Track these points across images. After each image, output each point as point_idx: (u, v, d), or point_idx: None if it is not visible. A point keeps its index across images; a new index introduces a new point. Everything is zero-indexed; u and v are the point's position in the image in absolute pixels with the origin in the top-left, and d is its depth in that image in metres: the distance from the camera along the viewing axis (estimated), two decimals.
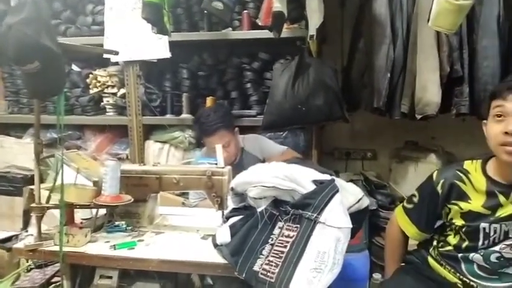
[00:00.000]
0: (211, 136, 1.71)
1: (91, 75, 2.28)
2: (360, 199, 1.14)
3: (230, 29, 2.03)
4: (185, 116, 2.14)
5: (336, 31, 2.13)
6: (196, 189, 1.42)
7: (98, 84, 2.28)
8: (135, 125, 2.21)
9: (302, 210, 0.97)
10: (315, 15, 1.47)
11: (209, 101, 2.09)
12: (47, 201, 1.25)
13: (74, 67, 2.36)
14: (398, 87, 1.70)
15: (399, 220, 1.26)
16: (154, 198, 1.39)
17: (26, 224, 2.17)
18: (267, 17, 1.55)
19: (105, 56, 2.09)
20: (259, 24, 1.68)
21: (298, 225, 0.95)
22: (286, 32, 1.84)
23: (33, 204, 1.23)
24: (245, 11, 2.00)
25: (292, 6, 1.68)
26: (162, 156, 2.18)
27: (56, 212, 1.33)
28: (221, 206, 1.27)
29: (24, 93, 2.43)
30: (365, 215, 1.20)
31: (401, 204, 1.28)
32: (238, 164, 1.71)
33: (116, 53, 1.47)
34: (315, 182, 1.02)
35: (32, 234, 1.78)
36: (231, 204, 1.26)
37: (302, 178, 1.05)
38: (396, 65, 1.69)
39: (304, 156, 1.84)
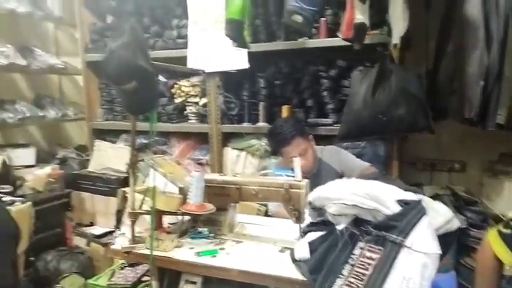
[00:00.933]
0: (287, 146, 1.73)
1: (175, 86, 2.44)
2: (450, 220, 1.06)
3: (307, 37, 2.03)
4: (261, 124, 2.18)
5: (420, 35, 2.01)
6: (274, 201, 1.45)
7: (182, 93, 2.44)
8: (214, 132, 2.31)
9: (386, 232, 0.94)
10: (399, 24, 1.41)
11: (284, 110, 2.11)
12: (140, 207, 1.37)
13: (161, 78, 2.55)
14: (493, 96, 1.54)
15: (494, 246, 1.15)
16: (234, 207, 1.44)
17: (118, 222, 2.40)
18: (348, 29, 1.52)
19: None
20: (340, 37, 1.65)
21: (382, 248, 0.92)
22: (366, 38, 1.79)
23: (128, 210, 1.35)
24: (322, 19, 1.98)
25: (372, 11, 1.62)
26: (239, 163, 2.25)
27: (147, 215, 1.45)
28: (298, 219, 1.28)
29: (122, 108, 2.66)
30: (455, 237, 1.11)
31: (496, 228, 1.17)
32: (316, 174, 1.70)
33: (203, 72, 1.55)
34: (400, 202, 0.98)
35: (124, 234, 1.95)
36: (308, 217, 1.26)
37: (385, 197, 1.01)
38: (491, 72, 1.54)
39: (384, 167, 1.77)
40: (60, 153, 2.70)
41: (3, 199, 1.81)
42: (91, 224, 2.50)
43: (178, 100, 2.45)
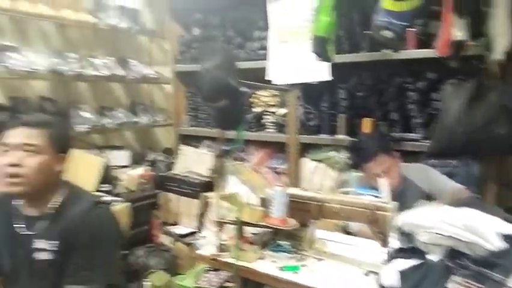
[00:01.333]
0: (370, 162, 1.68)
1: (254, 95, 2.52)
2: None
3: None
4: (341, 136, 2.16)
5: None
6: (357, 222, 1.42)
7: (261, 103, 2.51)
8: (292, 142, 2.34)
9: (487, 269, 0.87)
10: (502, 39, 1.30)
11: (366, 122, 2.06)
12: (226, 217, 1.44)
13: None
14: None
15: None
16: (314, 223, 1.45)
17: (200, 224, 2.55)
18: (445, 46, 1.44)
19: (267, 77, 2.29)
20: (436, 55, 1.57)
21: (483, 286, 0.86)
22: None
23: (215, 219, 1.43)
24: (411, 29, 1.90)
25: (469, 23, 1.51)
26: (317, 175, 2.25)
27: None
28: (384, 242, 1.24)
29: (206, 116, 2.82)
30: None
31: None
32: (400, 193, 1.63)
33: (289, 90, 1.58)
34: (504, 237, 0.91)
35: (205, 237, 2.06)
36: (395, 242, 1.22)
37: (485, 229, 0.94)
38: None
39: (478, 189, 1.64)
40: (151, 155, 2.94)
41: (104, 198, 2.02)
42: (175, 224, 2.68)
43: (257, 109, 2.52)
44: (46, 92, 2.50)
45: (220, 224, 1.42)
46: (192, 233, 2.55)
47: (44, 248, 1.19)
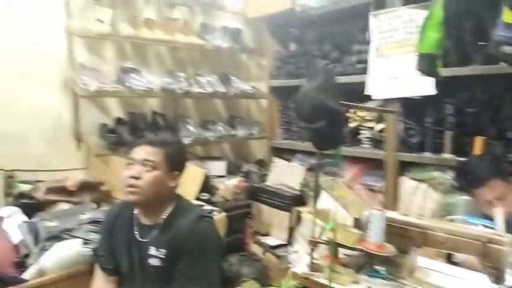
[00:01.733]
0: (481, 187, 1.53)
1: (351, 110, 2.47)
2: None
3: None
4: (447, 155, 2.00)
5: None
6: (466, 254, 1.31)
7: (357, 118, 2.45)
8: (390, 160, 2.23)
9: None
10: None
11: (478, 142, 1.87)
12: (320, 236, 1.44)
13: None
14: None
15: None
16: (416, 251, 1.37)
17: (290, 237, 2.57)
18: None
19: (366, 92, 2.24)
20: None
21: None
22: None
23: (308, 237, 1.44)
24: None
25: None
26: (417, 196, 2.11)
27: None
28: (498, 279, 1.12)
29: (298, 130, 2.86)
30: None
31: None
32: None
33: (392, 112, 1.53)
34: None
35: (296, 251, 2.07)
36: (510, 279, 1.09)
37: None
38: None
39: None
40: (245, 166, 3.07)
41: (205, 207, 2.17)
42: (267, 234, 2.75)
43: (352, 124, 2.47)
44: (158, 108, 2.80)
45: (313, 243, 1.43)
46: (282, 245, 2.58)
47: (155, 255, 1.34)
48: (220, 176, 2.87)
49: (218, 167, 2.93)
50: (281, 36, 3.04)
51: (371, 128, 2.40)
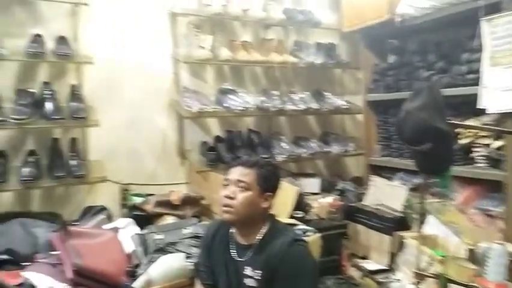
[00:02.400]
0: None
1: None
2: None
3: None
4: None
5: None
6: None
7: (469, 134, 2.19)
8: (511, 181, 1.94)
9: None
10: None
11: None
12: (427, 269, 1.31)
13: None
14: None
15: None
16: None
17: (392, 263, 2.39)
18: None
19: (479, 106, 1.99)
20: None
21: None
22: None
23: (413, 270, 1.32)
24: None
25: None
26: None
27: None
28: None
29: (399, 145, 2.67)
30: None
31: None
32: None
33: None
34: None
35: (399, 280, 1.91)
36: None
37: None
38: None
39: None
40: (340, 184, 2.97)
41: (299, 227, 2.14)
42: (365, 257, 2.60)
43: (463, 141, 2.22)
44: (253, 126, 2.89)
45: (420, 276, 1.30)
46: (383, 271, 2.41)
47: (251, 276, 1.36)
48: (314, 194, 2.82)
49: (312, 184, 2.88)
50: (379, 48, 2.91)
51: (487, 145, 2.12)
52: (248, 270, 1.38)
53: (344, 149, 2.94)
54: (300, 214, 2.45)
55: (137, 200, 2.35)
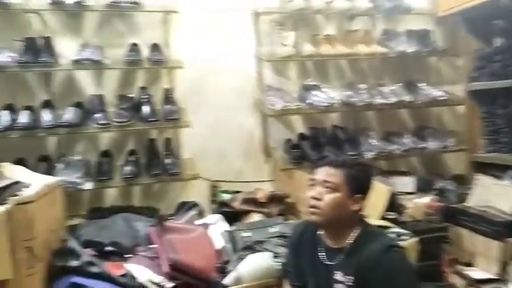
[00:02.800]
0: None
1: None
2: None
3: None
4: None
5: None
6: None
7: None
8: None
9: None
10: None
11: None
12: None
13: None
14: None
15: None
16: None
17: (503, 272, 2.10)
18: None
19: None
20: None
21: None
22: None
23: None
24: None
25: None
26: None
27: None
28: None
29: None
30: None
31: None
32: None
33: None
34: None
35: None
36: None
37: None
38: None
39: None
40: (438, 183, 2.71)
41: (392, 229, 1.99)
42: (469, 264, 2.33)
43: None
44: (339, 122, 2.78)
45: None
46: (491, 281, 2.14)
47: (341, 281, 1.29)
48: (409, 193, 2.62)
49: (405, 183, 2.68)
50: (482, 31, 2.59)
51: None
52: (338, 275, 1.31)
53: (443, 145, 2.67)
54: (392, 215, 2.29)
55: (226, 197, 2.42)
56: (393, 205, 2.35)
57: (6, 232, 1.26)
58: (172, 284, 1.52)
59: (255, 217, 2.13)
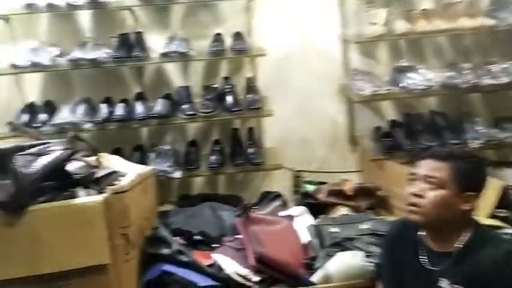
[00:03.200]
0: None
1: None
2: None
3: None
4: None
5: None
6: None
7: None
8: None
9: None
10: None
11: None
12: None
13: None
14: None
15: None
16: None
17: None
18: None
19: None
20: None
21: None
22: None
23: None
24: None
25: None
26: None
27: None
28: None
29: None
30: None
31: None
32: None
33: None
34: None
35: None
36: None
37: None
38: None
39: None
40: None
41: (505, 230, 1.73)
42: None
43: None
44: (437, 107, 2.49)
45: None
46: None
47: None
48: None
49: None
50: None
51: None
52: (444, 283, 1.16)
53: None
54: (504, 213, 1.99)
55: (310, 188, 2.33)
56: (505, 201, 2.05)
57: (105, 219, 1.34)
58: (258, 278, 1.49)
59: (342, 211, 2.01)
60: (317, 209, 2.06)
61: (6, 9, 2.21)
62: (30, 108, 2.27)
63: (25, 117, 2.21)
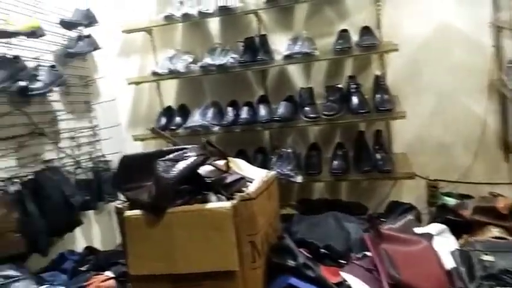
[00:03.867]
0: None
1: None
2: None
3: None
4: None
5: None
6: None
7: None
8: None
9: None
10: None
11: None
12: None
13: None
14: None
15: None
16: None
17: None
18: None
19: None
20: None
21: None
22: None
23: None
24: None
25: None
26: None
27: None
28: None
29: None
30: None
31: None
32: None
33: None
34: None
35: None
36: None
37: None
38: None
39: None
40: None
41: None
42: None
43: None
44: None
45: None
46: None
47: None
48: None
49: None
50: None
51: None
52: None
53: None
54: None
55: (449, 201, 2.03)
56: None
57: (234, 226, 1.35)
58: None
59: (493, 232, 1.68)
60: (459, 227, 1.77)
61: (148, 22, 2.44)
62: (168, 112, 2.49)
63: (163, 120, 2.42)
